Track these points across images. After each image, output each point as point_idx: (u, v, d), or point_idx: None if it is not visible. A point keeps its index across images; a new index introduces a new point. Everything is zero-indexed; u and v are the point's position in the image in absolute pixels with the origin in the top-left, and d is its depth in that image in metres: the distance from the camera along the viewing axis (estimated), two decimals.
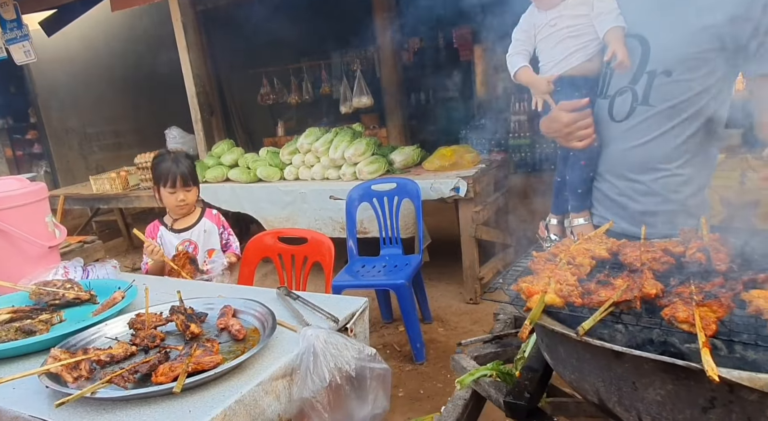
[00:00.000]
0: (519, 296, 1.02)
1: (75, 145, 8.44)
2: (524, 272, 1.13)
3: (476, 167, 4.01)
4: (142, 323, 1.61)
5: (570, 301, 0.95)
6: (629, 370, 0.86)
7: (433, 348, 3.53)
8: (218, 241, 2.81)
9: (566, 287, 0.96)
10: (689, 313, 0.85)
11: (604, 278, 1.02)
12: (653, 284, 0.95)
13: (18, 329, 1.62)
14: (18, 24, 5.75)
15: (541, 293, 0.96)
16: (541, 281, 1.00)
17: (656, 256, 1.09)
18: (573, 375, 0.97)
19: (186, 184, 2.67)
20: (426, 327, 3.77)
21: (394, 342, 3.68)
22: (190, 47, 5.07)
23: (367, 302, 1.77)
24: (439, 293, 4.31)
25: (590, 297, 0.95)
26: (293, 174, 4.59)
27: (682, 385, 0.81)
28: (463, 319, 3.87)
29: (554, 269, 1.04)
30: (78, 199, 5.95)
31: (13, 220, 2.04)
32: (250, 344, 1.50)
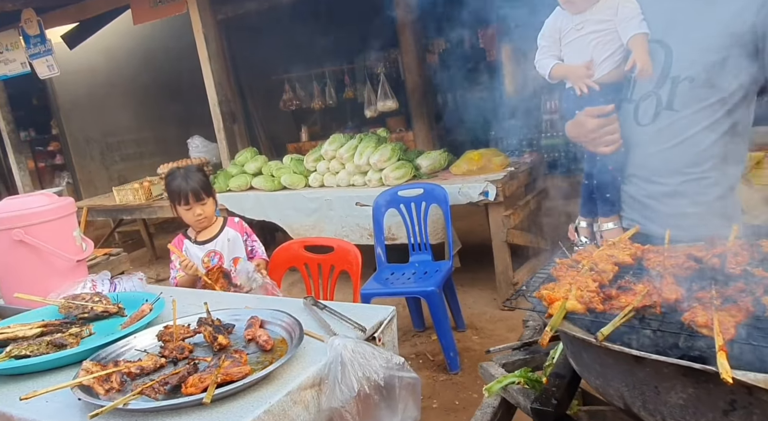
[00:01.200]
0: (541, 303, 1.06)
1: (97, 156, 8.70)
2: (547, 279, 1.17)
3: (505, 171, 4.04)
4: (170, 335, 1.69)
5: (591, 307, 0.99)
6: (651, 374, 0.90)
7: (467, 357, 3.55)
8: (243, 249, 2.87)
9: (587, 293, 1.01)
10: (708, 318, 0.89)
11: (625, 283, 1.05)
12: (673, 289, 0.99)
13: (49, 342, 1.71)
14: (41, 39, 6.00)
15: (562, 299, 1.00)
16: (562, 287, 1.04)
17: (679, 261, 1.12)
18: (598, 381, 1.01)
19: (199, 199, 2.74)
20: (459, 335, 3.79)
21: (427, 351, 3.72)
22: (212, 57, 5.22)
23: (394, 310, 1.83)
24: (472, 300, 4.34)
25: (611, 303, 0.99)
26: (318, 181, 4.68)
27: (703, 388, 0.85)
28: (499, 326, 3.89)
29: (576, 275, 1.09)
30: (101, 211, 6.14)
31: (42, 235, 2.15)
32: (278, 354, 1.56)
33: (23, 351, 1.64)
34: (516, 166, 4.19)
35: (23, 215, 2.13)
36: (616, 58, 1.71)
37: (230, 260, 2.84)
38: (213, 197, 2.84)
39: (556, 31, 1.84)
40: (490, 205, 3.87)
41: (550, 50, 1.89)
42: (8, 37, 6.37)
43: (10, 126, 7.11)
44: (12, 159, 7.25)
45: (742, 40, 1.45)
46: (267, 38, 8.53)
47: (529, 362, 1.39)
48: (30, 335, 1.78)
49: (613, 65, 1.71)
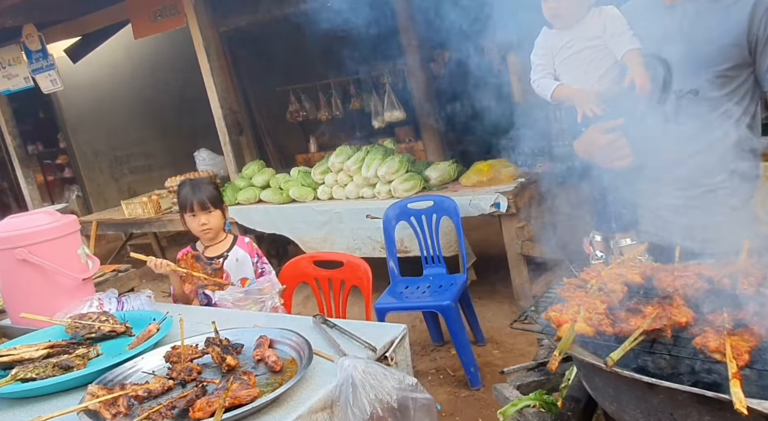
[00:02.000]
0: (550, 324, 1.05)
1: (106, 169, 8.77)
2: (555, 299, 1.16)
3: (515, 182, 4.03)
4: (178, 356, 1.68)
5: (601, 330, 0.98)
6: (665, 401, 0.88)
7: (489, 372, 3.50)
8: (252, 271, 2.84)
9: (596, 315, 1.00)
10: (720, 342, 0.88)
11: (635, 305, 1.04)
12: (684, 312, 0.98)
13: (55, 365, 1.71)
14: (43, 54, 6.07)
15: (570, 322, 0.99)
16: (570, 309, 1.03)
17: (690, 281, 1.11)
18: (612, 406, 1.00)
19: (205, 208, 2.74)
20: (480, 350, 3.75)
21: (447, 366, 3.69)
22: (214, 70, 5.25)
23: (406, 328, 1.81)
24: (491, 313, 4.30)
25: (621, 326, 0.98)
26: (327, 194, 4.69)
27: (718, 416, 0.84)
28: (519, 340, 3.83)
29: (584, 296, 1.08)
30: (111, 225, 6.19)
31: (46, 253, 2.15)
32: (288, 375, 1.55)
33: (29, 374, 1.64)
34: (527, 176, 4.17)
35: (26, 234, 2.14)
36: (613, 74, 1.71)
37: (237, 281, 2.81)
38: (222, 211, 2.83)
39: (548, 49, 1.84)
40: (503, 216, 3.86)
41: (546, 68, 1.88)
42: (10, 52, 6.44)
43: (17, 141, 7.18)
44: (20, 174, 7.32)
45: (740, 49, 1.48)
46: (272, 49, 8.58)
47: (545, 384, 1.37)
48: (36, 356, 1.78)
49: (611, 82, 1.71)
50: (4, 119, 7.06)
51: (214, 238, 2.83)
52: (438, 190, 4.24)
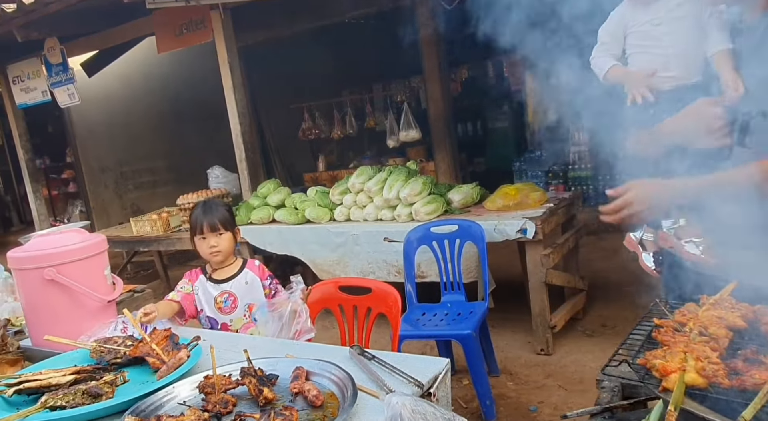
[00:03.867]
0: (648, 372, 0.98)
1: (111, 184, 8.74)
2: (646, 342, 1.09)
3: (544, 207, 3.96)
4: (212, 386, 1.62)
5: (714, 382, 0.91)
6: None
7: (503, 405, 3.43)
8: (261, 294, 2.79)
9: (709, 365, 0.93)
10: None
11: (752, 355, 0.97)
12: None
13: (85, 391, 1.65)
14: (64, 67, 6.08)
15: (679, 371, 0.92)
16: (675, 356, 0.96)
17: None
18: None
19: (215, 230, 2.71)
20: (493, 381, 3.66)
21: (458, 397, 3.60)
22: (236, 87, 5.23)
23: (448, 363, 1.75)
24: (504, 343, 4.22)
25: (740, 378, 0.91)
26: (344, 215, 4.63)
27: None
28: (535, 371, 3.76)
29: (688, 341, 1.01)
30: (118, 242, 6.12)
31: (74, 274, 2.11)
32: (330, 411, 1.49)
33: (59, 402, 1.59)
34: (554, 202, 4.11)
35: (56, 254, 2.09)
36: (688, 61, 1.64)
37: (245, 305, 2.77)
38: (233, 234, 2.79)
39: (621, 27, 1.80)
40: (528, 243, 3.78)
41: (609, 49, 1.85)
42: (30, 65, 6.47)
43: (28, 155, 7.17)
44: (28, 188, 7.29)
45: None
46: (285, 66, 8.61)
47: None
48: (63, 382, 1.72)
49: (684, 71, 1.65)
50: (18, 133, 7.07)
51: (223, 261, 2.79)
52: (460, 214, 4.18)
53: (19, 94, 6.69)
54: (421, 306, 3.71)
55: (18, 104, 6.79)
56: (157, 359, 1.88)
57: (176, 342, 1.99)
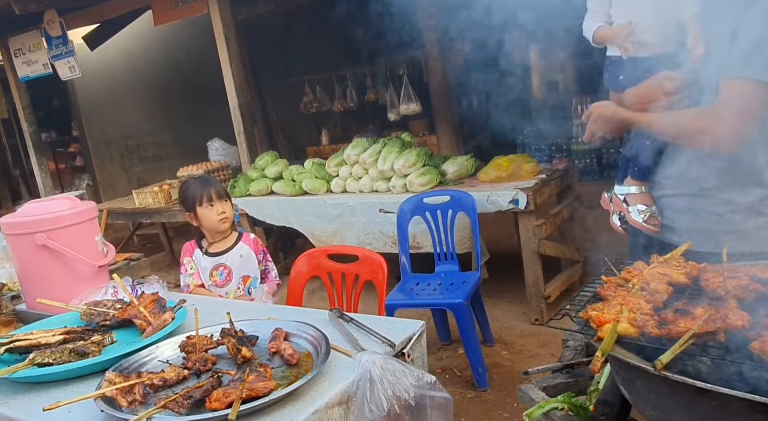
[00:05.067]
0: (588, 324, 1.02)
1: (116, 158, 8.81)
2: (593, 298, 1.13)
3: (536, 178, 3.97)
4: (193, 345, 1.67)
5: (645, 331, 0.95)
6: (716, 408, 0.85)
7: (496, 373, 3.49)
8: (256, 267, 2.85)
9: (641, 315, 0.96)
10: None
11: (683, 306, 1.01)
12: (739, 315, 0.94)
13: (72, 350, 1.71)
14: (63, 40, 6.08)
15: (613, 322, 0.96)
16: (612, 308, 1.00)
17: (742, 283, 1.07)
18: (654, 412, 0.97)
19: (221, 197, 2.76)
20: (488, 350, 3.73)
21: (453, 366, 3.67)
22: (233, 59, 5.23)
23: (424, 325, 1.79)
24: (500, 313, 4.27)
25: (668, 327, 0.95)
26: (340, 186, 4.66)
27: None
28: (529, 341, 3.82)
29: (626, 295, 1.04)
30: (120, 214, 6.19)
31: (65, 239, 2.16)
32: (304, 369, 1.54)
33: (46, 359, 1.65)
34: (548, 173, 4.12)
35: (46, 219, 2.15)
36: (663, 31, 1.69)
37: (239, 278, 2.81)
38: (231, 203, 2.86)
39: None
40: (520, 214, 3.81)
41: (596, 16, 1.91)
42: (30, 38, 6.47)
43: (33, 128, 7.22)
44: (34, 161, 7.36)
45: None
46: (287, 39, 8.56)
47: (572, 386, 1.34)
48: (53, 342, 1.79)
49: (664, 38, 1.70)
50: (22, 106, 7.10)
51: (228, 228, 2.82)
52: (455, 185, 4.20)
53: (21, 66, 6.71)
54: (416, 276, 3.76)
55: (20, 77, 6.82)
56: (144, 321, 1.94)
57: (163, 305, 2.05)
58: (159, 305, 2.04)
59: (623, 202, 1.81)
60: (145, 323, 1.92)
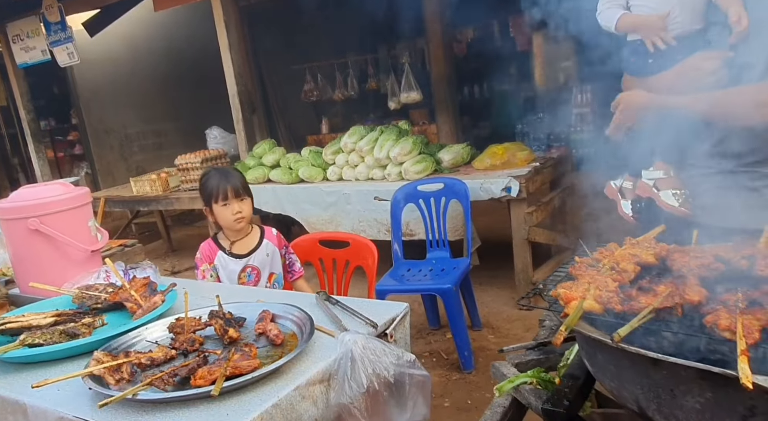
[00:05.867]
0: (558, 301, 1.06)
1: (115, 146, 8.83)
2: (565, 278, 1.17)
3: (530, 166, 4.01)
4: (181, 327, 1.71)
5: (610, 307, 0.99)
6: (667, 377, 0.89)
7: (482, 356, 3.56)
8: (280, 264, 2.75)
9: (606, 293, 1.00)
10: (732, 321, 0.88)
11: (647, 284, 1.05)
12: (697, 291, 0.98)
13: (62, 332, 1.75)
14: (62, 26, 6.08)
15: (579, 299, 1.00)
16: (580, 286, 1.04)
17: (706, 262, 1.11)
18: (612, 383, 1.01)
19: (238, 195, 2.61)
20: (475, 334, 3.80)
21: (441, 349, 3.74)
22: (233, 46, 5.24)
23: (407, 307, 1.83)
24: (489, 298, 4.34)
25: (630, 304, 0.98)
26: (336, 174, 4.70)
27: (721, 393, 0.85)
28: (515, 325, 3.89)
29: (595, 274, 1.08)
30: (118, 202, 6.24)
31: (58, 224, 2.19)
32: (288, 348, 1.58)
33: (37, 340, 1.69)
34: (541, 161, 4.15)
35: (39, 204, 2.18)
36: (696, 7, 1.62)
37: (266, 277, 2.71)
38: (251, 199, 2.71)
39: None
40: (513, 201, 3.85)
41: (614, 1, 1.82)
42: (29, 24, 6.46)
43: (31, 115, 7.24)
44: (31, 149, 7.39)
45: None
46: (288, 26, 8.56)
47: (543, 363, 1.38)
48: (44, 324, 1.83)
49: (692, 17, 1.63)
50: (20, 93, 7.11)
51: (245, 227, 2.70)
52: (450, 173, 4.24)
53: (19, 53, 6.70)
54: (407, 262, 3.80)
55: (18, 63, 6.82)
56: (135, 304, 1.98)
57: (154, 289, 2.09)
58: (150, 289, 2.08)
59: (653, 187, 1.77)
60: (136, 306, 1.96)
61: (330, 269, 2.83)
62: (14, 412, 1.55)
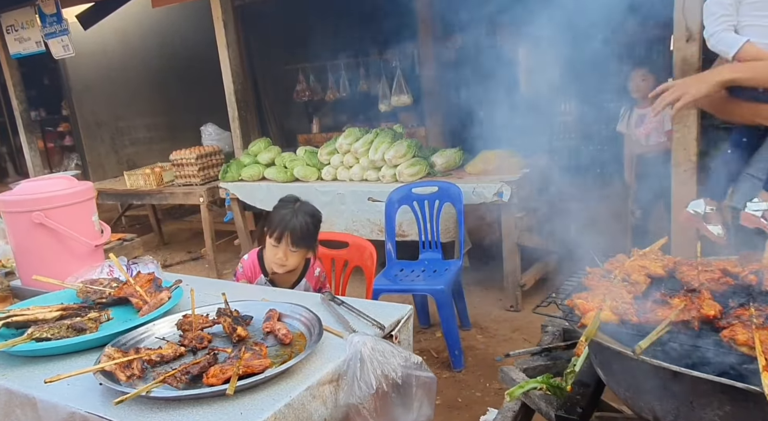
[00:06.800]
0: (573, 311, 1.07)
1: (107, 139, 8.72)
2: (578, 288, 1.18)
3: (521, 172, 4.04)
4: (189, 324, 1.71)
5: (625, 319, 1.00)
6: (687, 390, 0.91)
7: (471, 356, 3.59)
8: None
9: (622, 304, 1.02)
10: (749, 336, 0.90)
11: (661, 297, 1.06)
12: (712, 305, 1.00)
13: (69, 326, 1.73)
14: (58, 18, 5.98)
15: (596, 309, 1.01)
16: (596, 297, 1.06)
17: (715, 276, 1.13)
18: (628, 392, 1.02)
19: (292, 244, 2.37)
20: (464, 334, 3.83)
21: (431, 348, 3.76)
22: (230, 44, 5.21)
23: (411, 309, 1.84)
24: (477, 299, 4.37)
25: (646, 316, 1.00)
26: (331, 175, 4.69)
27: (741, 406, 0.86)
28: (503, 326, 3.93)
29: (609, 286, 1.10)
30: (111, 195, 6.16)
31: (62, 218, 2.17)
32: (297, 348, 1.58)
33: (44, 334, 1.67)
34: (532, 167, 4.19)
35: (44, 198, 2.16)
36: None
37: None
38: (309, 251, 2.47)
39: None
40: (503, 206, 3.88)
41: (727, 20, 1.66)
42: (24, 14, 6.34)
43: (23, 105, 7.12)
44: (23, 139, 7.27)
45: None
46: (283, 26, 8.52)
47: (550, 368, 1.40)
48: (50, 317, 1.80)
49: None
50: (12, 83, 6.99)
51: (282, 274, 2.48)
52: (442, 177, 4.26)
53: (12, 43, 6.57)
54: (400, 263, 3.81)
55: (12, 54, 6.68)
56: (140, 299, 1.96)
57: (159, 285, 2.07)
58: (155, 285, 2.06)
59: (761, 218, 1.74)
60: (141, 301, 1.94)
61: (328, 269, 2.82)
62: (22, 405, 1.53)
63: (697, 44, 3.02)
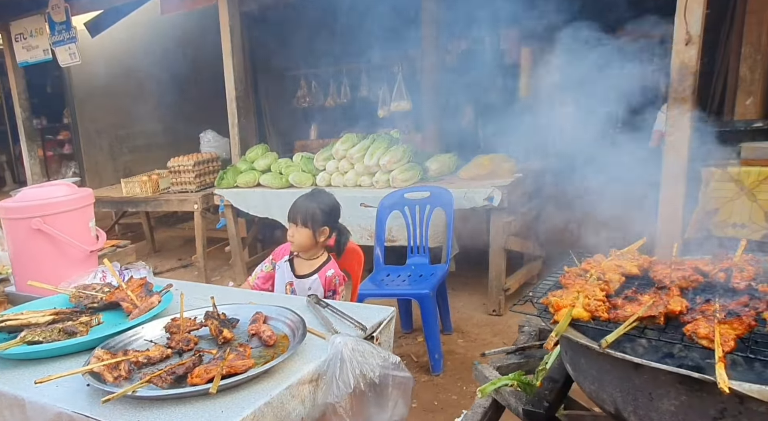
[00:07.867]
0: (547, 309, 1.10)
1: (105, 147, 8.73)
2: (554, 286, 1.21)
3: (513, 177, 4.07)
4: (177, 327, 1.74)
5: (597, 315, 1.03)
6: (647, 381, 0.94)
7: (450, 360, 3.62)
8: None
9: (594, 301, 1.05)
10: (710, 329, 0.92)
11: (632, 294, 1.09)
12: (678, 301, 1.03)
13: (61, 330, 1.77)
14: (67, 26, 5.99)
15: (569, 307, 1.04)
16: (569, 295, 1.08)
17: (686, 274, 1.16)
18: (593, 386, 1.05)
19: (299, 222, 2.64)
20: (445, 338, 3.86)
21: (411, 353, 3.79)
22: (234, 51, 5.22)
23: (393, 311, 1.87)
24: (461, 304, 4.40)
25: (616, 312, 1.03)
26: (325, 180, 4.72)
27: (695, 396, 0.89)
28: (484, 330, 3.96)
29: (584, 284, 1.12)
30: (106, 202, 6.17)
31: (60, 225, 2.21)
32: (280, 349, 1.61)
33: (36, 337, 1.70)
34: (523, 172, 4.22)
35: (43, 205, 2.20)
36: None
37: None
38: (313, 231, 2.66)
39: None
40: (493, 210, 3.91)
41: None
42: (33, 23, 6.35)
43: (26, 114, 7.15)
44: (24, 147, 7.29)
45: None
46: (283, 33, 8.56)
47: (523, 366, 1.43)
48: (42, 321, 1.84)
49: None
50: (17, 91, 7.02)
51: (303, 251, 2.72)
52: (435, 182, 4.28)
53: (20, 51, 6.59)
54: (387, 267, 3.84)
55: (19, 62, 6.71)
56: (131, 303, 1.99)
57: (150, 289, 2.10)
58: (146, 289, 2.09)
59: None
60: (132, 305, 1.97)
61: None
62: (11, 406, 1.56)
63: (696, 47, 3.02)
